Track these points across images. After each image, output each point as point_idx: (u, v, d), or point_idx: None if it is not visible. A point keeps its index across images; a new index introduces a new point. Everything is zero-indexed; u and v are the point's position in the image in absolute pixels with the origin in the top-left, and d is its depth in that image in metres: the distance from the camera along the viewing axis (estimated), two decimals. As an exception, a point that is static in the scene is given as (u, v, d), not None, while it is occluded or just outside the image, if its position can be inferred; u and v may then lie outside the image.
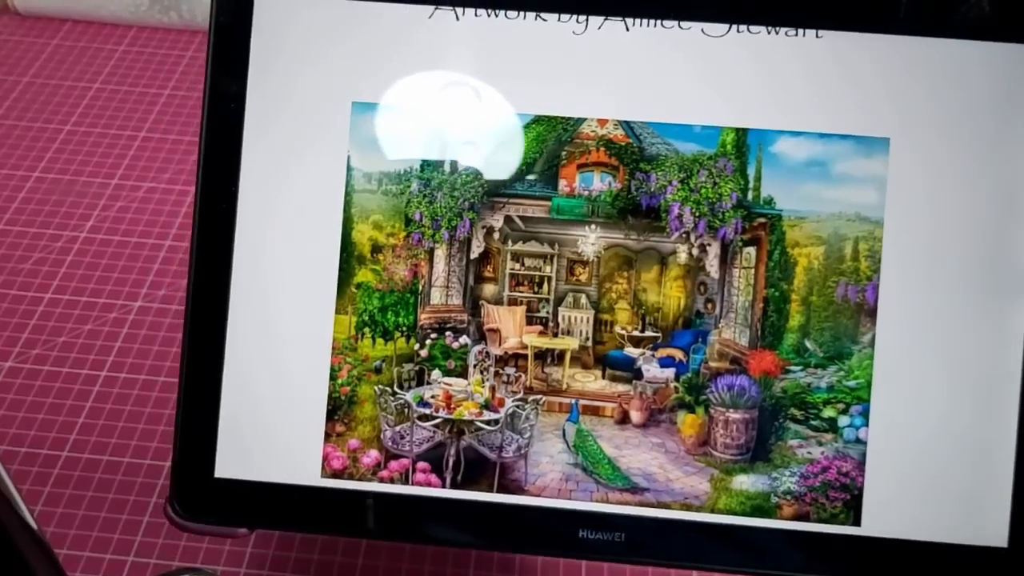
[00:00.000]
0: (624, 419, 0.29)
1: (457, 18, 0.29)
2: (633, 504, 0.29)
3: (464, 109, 0.29)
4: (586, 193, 0.29)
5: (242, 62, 0.29)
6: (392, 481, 0.29)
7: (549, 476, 0.29)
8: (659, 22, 0.29)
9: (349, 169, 0.29)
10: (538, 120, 0.29)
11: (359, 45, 0.29)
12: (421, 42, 0.29)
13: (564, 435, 0.29)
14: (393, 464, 0.29)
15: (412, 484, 0.29)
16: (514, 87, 0.29)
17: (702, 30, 0.29)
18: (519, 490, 0.29)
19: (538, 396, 0.29)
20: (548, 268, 0.29)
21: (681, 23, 0.29)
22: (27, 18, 0.64)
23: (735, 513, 0.29)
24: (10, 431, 0.41)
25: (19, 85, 0.59)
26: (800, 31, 0.28)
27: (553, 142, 0.29)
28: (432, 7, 0.29)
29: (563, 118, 0.29)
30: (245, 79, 0.29)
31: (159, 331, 0.45)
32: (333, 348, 0.29)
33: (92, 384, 0.43)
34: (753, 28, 0.28)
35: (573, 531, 0.28)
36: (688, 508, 0.29)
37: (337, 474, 0.29)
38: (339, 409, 0.29)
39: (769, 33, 0.28)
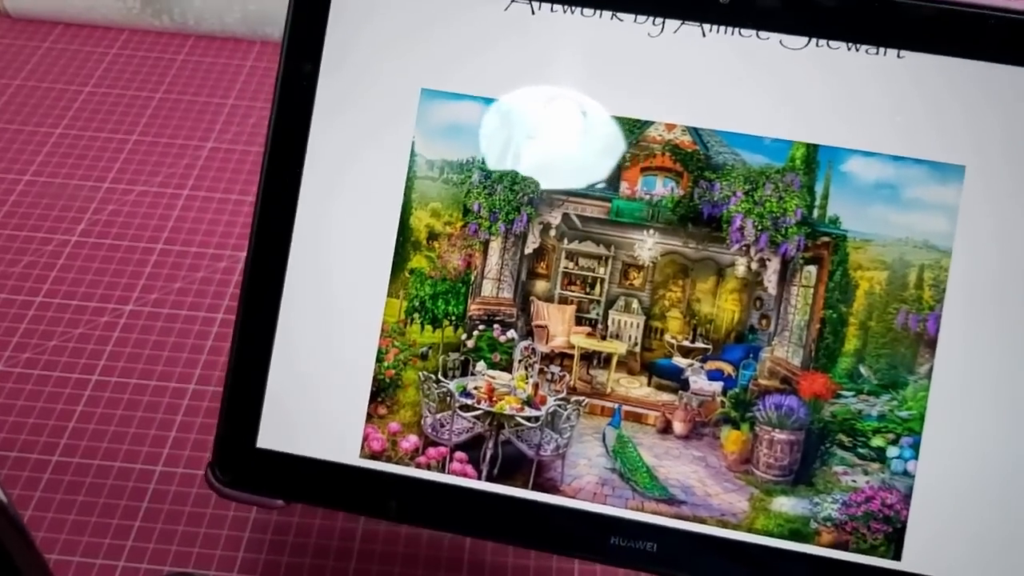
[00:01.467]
0: (666, 429, 0.29)
1: (533, 12, 0.28)
2: (668, 515, 0.28)
3: (531, 104, 0.28)
4: (647, 197, 0.29)
5: (317, 44, 0.29)
6: (429, 468, 0.28)
7: (585, 479, 0.28)
8: (737, 30, 0.28)
9: (413, 155, 0.28)
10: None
11: (432, 33, 0.28)
12: (494, 34, 0.28)
13: (604, 439, 0.28)
14: (431, 451, 0.28)
15: (448, 473, 0.28)
16: (584, 85, 0.28)
17: (780, 42, 0.28)
18: (554, 490, 0.28)
19: (581, 397, 0.29)
20: (602, 270, 0.29)
21: (759, 33, 0.28)
22: (18, 21, 0.63)
23: (772, 535, 0.28)
24: (0, 436, 0.41)
25: (10, 88, 0.58)
26: (881, 50, 0.28)
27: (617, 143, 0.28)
28: (508, 0, 0.28)
29: (630, 119, 0.28)
30: (319, 61, 0.29)
31: (150, 335, 0.45)
32: (382, 330, 0.29)
33: (83, 388, 0.43)
34: (833, 43, 0.28)
35: (604, 537, 0.28)
36: (724, 525, 0.28)
37: (375, 455, 0.28)
38: (383, 391, 0.29)
39: (849, 49, 0.28)
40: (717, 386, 0.29)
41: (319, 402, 0.28)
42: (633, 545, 0.28)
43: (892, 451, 0.28)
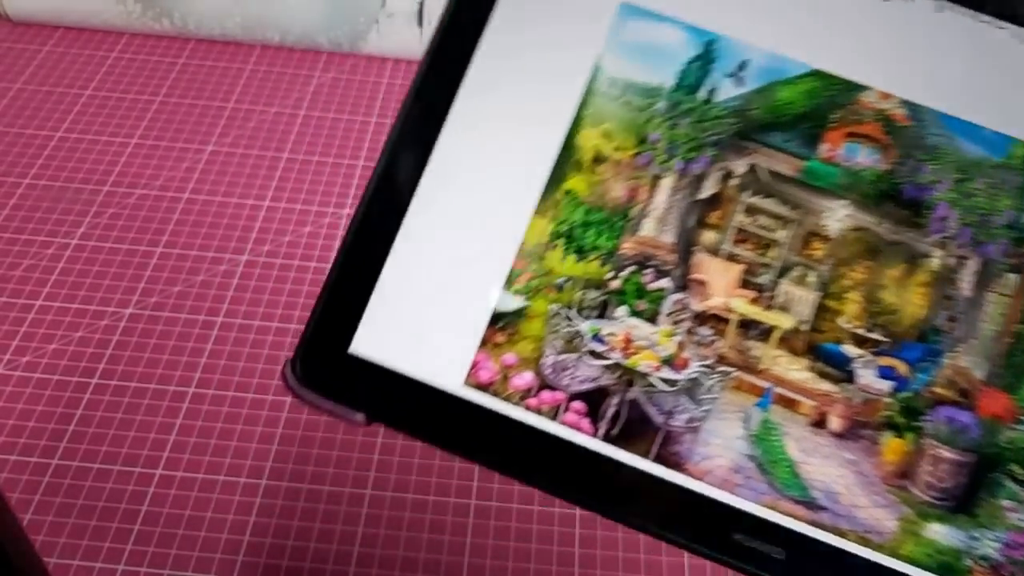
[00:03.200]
0: (820, 423, 0.25)
1: None
2: (804, 520, 0.25)
3: (737, 36, 0.26)
4: (847, 164, 0.26)
5: None
6: (539, 412, 0.25)
7: (717, 461, 0.25)
8: (975, 13, 0.26)
9: (596, 69, 0.26)
10: (815, 74, 0.26)
11: None
12: None
13: (747, 421, 0.25)
14: (545, 395, 0.25)
15: (559, 423, 0.25)
16: (799, 34, 0.26)
17: (1018, 35, 0.26)
18: (678, 466, 0.25)
19: (729, 368, 0.25)
20: (782, 232, 0.26)
21: (999, 21, 0.26)
22: (18, 24, 0.64)
23: (919, 564, 0.25)
24: (0, 439, 0.41)
25: (10, 91, 0.58)
26: None
27: (825, 101, 0.26)
28: None
29: (844, 80, 0.26)
30: None
31: (150, 338, 0.45)
32: (520, 250, 0.25)
33: (83, 391, 0.43)
34: None
35: (728, 531, 0.24)
36: (866, 543, 0.25)
37: (481, 386, 0.25)
38: (505, 317, 0.25)
39: None
40: (887, 385, 0.26)
41: (430, 317, 0.25)
42: (758, 547, 0.24)
43: None
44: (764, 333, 0.26)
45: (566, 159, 0.26)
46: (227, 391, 0.43)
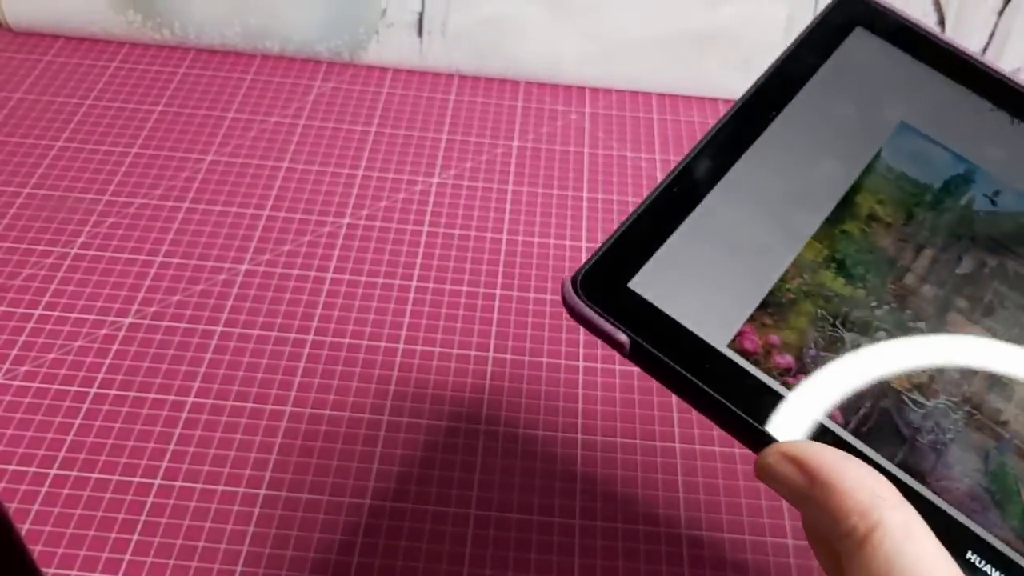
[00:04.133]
0: None
1: (1011, 122, 0.30)
2: None
3: (992, 170, 0.30)
4: None
5: (822, 55, 0.31)
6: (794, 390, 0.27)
7: (956, 483, 0.26)
8: None
9: (878, 155, 0.30)
10: None
11: (925, 82, 0.31)
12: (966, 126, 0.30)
13: (986, 460, 0.26)
14: (803, 377, 0.27)
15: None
16: None
17: None
18: (920, 477, 0.26)
19: (974, 411, 0.27)
20: None
21: None
22: (19, 34, 0.64)
23: None
24: (-3, 447, 0.41)
25: (10, 101, 0.58)
26: None
27: None
28: (990, 105, 0.30)
29: None
30: (824, 61, 0.31)
31: (150, 347, 0.45)
32: (796, 260, 0.28)
33: (81, 401, 0.43)
34: None
35: (962, 548, 0.25)
36: None
37: (743, 353, 0.27)
38: (774, 306, 0.28)
39: None
40: None
41: (708, 281, 0.28)
42: (988, 572, 0.25)
43: None
44: (1008, 393, 0.27)
45: (845, 209, 0.29)
46: (226, 400, 0.43)
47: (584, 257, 0.51)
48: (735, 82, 0.61)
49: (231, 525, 0.39)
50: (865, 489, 0.23)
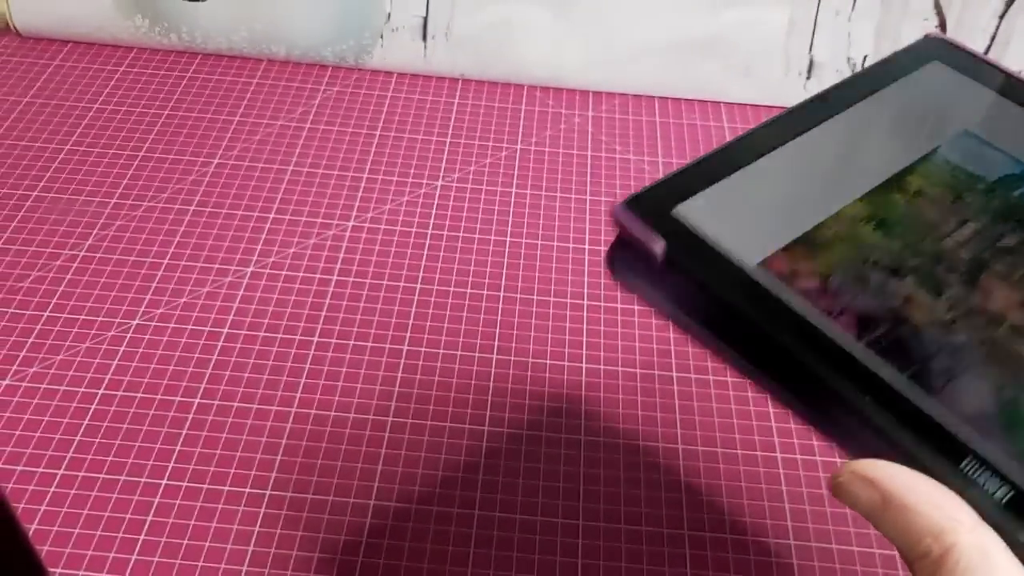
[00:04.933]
0: None
1: None
2: None
3: None
4: None
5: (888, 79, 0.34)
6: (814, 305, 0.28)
7: (964, 404, 0.26)
8: None
9: (936, 148, 0.32)
10: None
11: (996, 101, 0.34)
12: None
13: (999, 389, 0.26)
14: (824, 299, 0.28)
15: (833, 318, 0.27)
16: None
17: None
18: (929, 389, 0.26)
19: (993, 348, 0.27)
20: None
21: None
22: (27, 39, 0.64)
23: None
24: (6, 449, 0.41)
25: (19, 105, 0.59)
26: None
27: None
28: None
29: None
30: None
31: (156, 349, 0.45)
32: (838, 213, 0.30)
33: (89, 402, 0.43)
34: None
35: (958, 458, 0.25)
36: None
37: (771, 272, 0.28)
38: (806, 243, 0.29)
39: None
40: None
41: (748, 217, 0.30)
42: (983, 480, 0.25)
43: None
44: None
45: (895, 183, 0.31)
46: (232, 401, 0.43)
47: (587, 260, 0.52)
48: (737, 86, 0.61)
49: (237, 525, 0.39)
50: (940, 509, 0.23)
